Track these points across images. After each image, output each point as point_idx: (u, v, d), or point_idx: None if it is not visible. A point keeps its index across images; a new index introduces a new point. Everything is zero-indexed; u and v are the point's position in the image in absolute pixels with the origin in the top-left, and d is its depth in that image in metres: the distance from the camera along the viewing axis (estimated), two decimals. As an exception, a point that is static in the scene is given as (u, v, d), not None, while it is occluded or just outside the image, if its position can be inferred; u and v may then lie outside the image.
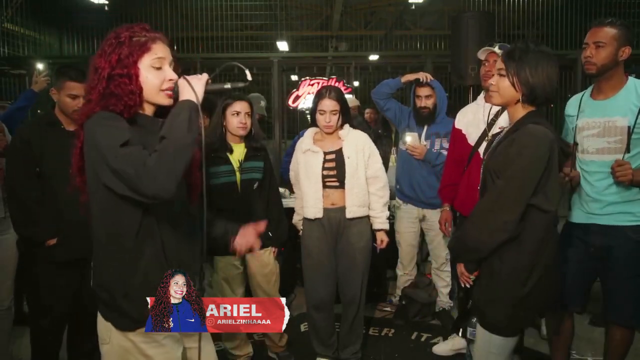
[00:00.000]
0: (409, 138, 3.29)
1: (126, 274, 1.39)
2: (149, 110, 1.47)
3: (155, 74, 1.41)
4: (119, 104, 1.37)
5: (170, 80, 1.43)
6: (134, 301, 1.38)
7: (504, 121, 2.57)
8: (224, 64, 1.61)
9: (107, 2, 9.08)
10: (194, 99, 1.35)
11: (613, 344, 2.31)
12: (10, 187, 2.44)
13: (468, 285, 1.87)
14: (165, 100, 1.44)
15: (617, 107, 2.17)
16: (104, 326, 1.45)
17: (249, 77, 1.55)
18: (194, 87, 1.37)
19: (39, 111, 5.85)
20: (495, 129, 2.56)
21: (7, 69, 7.86)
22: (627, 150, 2.13)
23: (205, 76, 1.42)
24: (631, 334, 2.31)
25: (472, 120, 2.81)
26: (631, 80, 2.20)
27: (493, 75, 1.82)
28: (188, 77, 1.39)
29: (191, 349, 1.56)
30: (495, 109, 2.63)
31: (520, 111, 1.76)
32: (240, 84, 1.51)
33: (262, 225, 1.70)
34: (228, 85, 1.49)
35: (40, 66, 7.50)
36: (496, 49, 2.66)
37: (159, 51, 1.41)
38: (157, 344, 1.44)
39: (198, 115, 1.33)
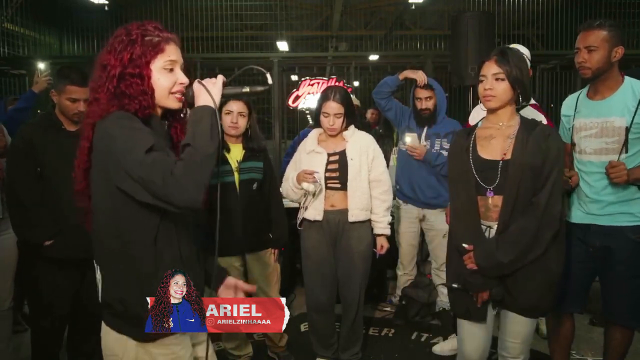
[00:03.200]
0: (409, 138, 3.29)
1: (146, 283, 1.31)
2: (156, 113, 1.41)
3: (167, 76, 1.36)
4: (133, 104, 1.31)
5: (181, 84, 1.37)
6: None
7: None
8: (236, 65, 1.57)
9: (107, 2, 9.07)
10: (211, 104, 1.30)
11: (613, 344, 2.31)
12: (11, 188, 2.42)
13: None
14: (175, 104, 1.39)
15: (614, 108, 2.16)
16: (116, 340, 1.36)
17: (270, 81, 1.47)
18: (211, 92, 1.31)
19: (39, 111, 5.84)
20: None
21: (7, 69, 7.85)
22: (625, 150, 2.12)
23: (220, 79, 1.36)
24: (631, 334, 2.31)
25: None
26: (627, 80, 2.18)
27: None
28: (204, 82, 1.34)
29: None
30: None
31: (512, 111, 1.91)
32: (259, 88, 1.44)
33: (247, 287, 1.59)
34: (246, 89, 1.42)
35: (41, 66, 7.47)
36: None
37: (172, 53, 1.36)
38: (175, 357, 1.38)
39: (217, 121, 1.28)
